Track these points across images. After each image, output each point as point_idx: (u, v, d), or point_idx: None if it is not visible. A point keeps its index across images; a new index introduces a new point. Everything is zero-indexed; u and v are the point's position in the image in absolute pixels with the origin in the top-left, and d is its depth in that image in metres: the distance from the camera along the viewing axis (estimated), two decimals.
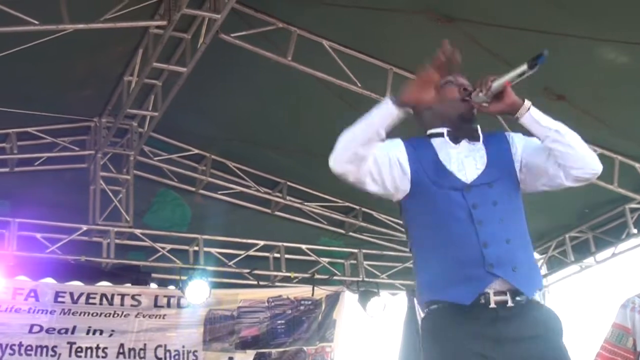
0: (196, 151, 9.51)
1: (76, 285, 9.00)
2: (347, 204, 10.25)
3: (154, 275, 9.50)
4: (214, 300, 9.38)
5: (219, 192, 9.81)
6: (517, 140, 3.02)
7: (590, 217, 9.66)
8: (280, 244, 9.98)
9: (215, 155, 9.57)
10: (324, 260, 10.26)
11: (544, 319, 2.79)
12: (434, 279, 2.83)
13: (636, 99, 7.46)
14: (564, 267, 10.29)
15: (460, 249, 2.78)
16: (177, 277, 9.17)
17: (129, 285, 9.28)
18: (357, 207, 10.28)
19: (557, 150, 2.86)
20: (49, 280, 8.86)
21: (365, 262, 10.43)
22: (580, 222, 9.79)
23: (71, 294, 8.87)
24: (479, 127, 3.02)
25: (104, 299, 9.02)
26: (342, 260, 10.49)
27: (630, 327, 4.46)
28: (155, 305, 9.25)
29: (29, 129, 8.77)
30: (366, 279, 10.33)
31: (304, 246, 10.13)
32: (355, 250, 10.43)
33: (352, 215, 10.37)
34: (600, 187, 8.42)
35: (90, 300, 8.93)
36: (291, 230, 10.18)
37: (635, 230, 9.27)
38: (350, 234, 10.49)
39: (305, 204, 10.16)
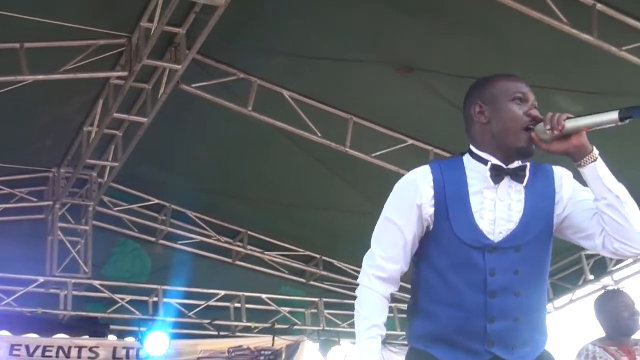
0: (156, 201, 9.46)
1: (32, 337, 8.85)
2: (307, 253, 10.23)
3: (112, 327, 9.38)
4: (173, 352, 9.26)
5: (180, 242, 9.74)
6: (565, 185, 2.59)
7: None
8: (241, 293, 9.92)
9: (176, 205, 9.53)
10: (285, 309, 10.21)
11: None
12: (430, 332, 2.58)
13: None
14: None
15: (464, 318, 2.51)
16: (137, 329, 9.06)
17: (87, 337, 9.14)
18: (318, 255, 10.26)
19: (609, 218, 2.44)
20: (4, 333, 8.71)
21: (326, 311, 10.39)
22: None
23: (27, 347, 8.70)
24: (529, 165, 2.56)
25: (61, 352, 8.86)
26: (302, 310, 10.44)
27: None
28: (114, 358, 9.10)
29: None
30: (327, 328, 10.28)
31: (264, 296, 10.08)
32: (316, 300, 10.39)
33: (313, 264, 10.34)
34: None
35: (47, 354, 8.76)
36: (252, 280, 10.12)
37: (591, 277, 9.39)
38: (311, 283, 10.45)
39: (266, 253, 10.12)
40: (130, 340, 9.31)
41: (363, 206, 7.93)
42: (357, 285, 2.63)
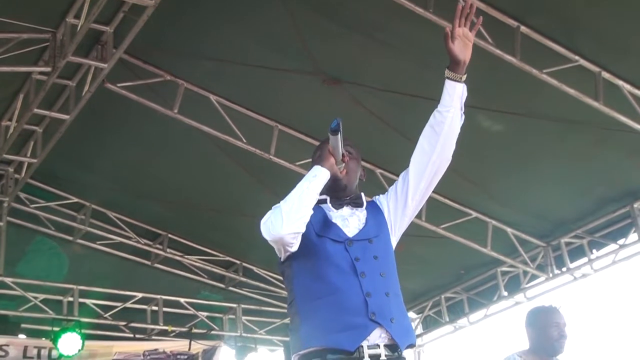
0: (76, 200, 9.29)
1: None
2: (227, 258, 10.19)
3: (23, 325, 9.21)
4: (86, 353, 9.14)
5: (98, 242, 9.58)
6: (382, 200, 3.21)
7: (465, 279, 9.92)
8: (158, 296, 9.86)
9: (96, 205, 9.37)
10: (203, 314, 10.18)
11: None
12: (317, 326, 2.88)
13: (510, 166, 7.79)
14: (439, 326, 10.51)
15: (345, 298, 2.89)
16: (49, 328, 8.90)
17: None
18: (238, 261, 10.23)
19: (448, 122, 3.15)
20: None
21: (244, 317, 10.39)
22: (455, 283, 10.04)
23: None
24: (362, 195, 3.17)
25: None
26: (220, 315, 10.41)
27: None
28: (25, 357, 8.95)
29: None
30: (244, 334, 10.29)
31: (182, 299, 10.02)
32: (235, 305, 10.38)
33: (232, 270, 10.30)
34: (474, 249, 8.70)
35: None
36: (171, 283, 10.05)
37: (505, 293, 9.58)
38: (230, 288, 10.42)
39: (186, 256, 10.05)
40: (42, 339, 9.15)
41: None
42: (275, 292, 2.79)
